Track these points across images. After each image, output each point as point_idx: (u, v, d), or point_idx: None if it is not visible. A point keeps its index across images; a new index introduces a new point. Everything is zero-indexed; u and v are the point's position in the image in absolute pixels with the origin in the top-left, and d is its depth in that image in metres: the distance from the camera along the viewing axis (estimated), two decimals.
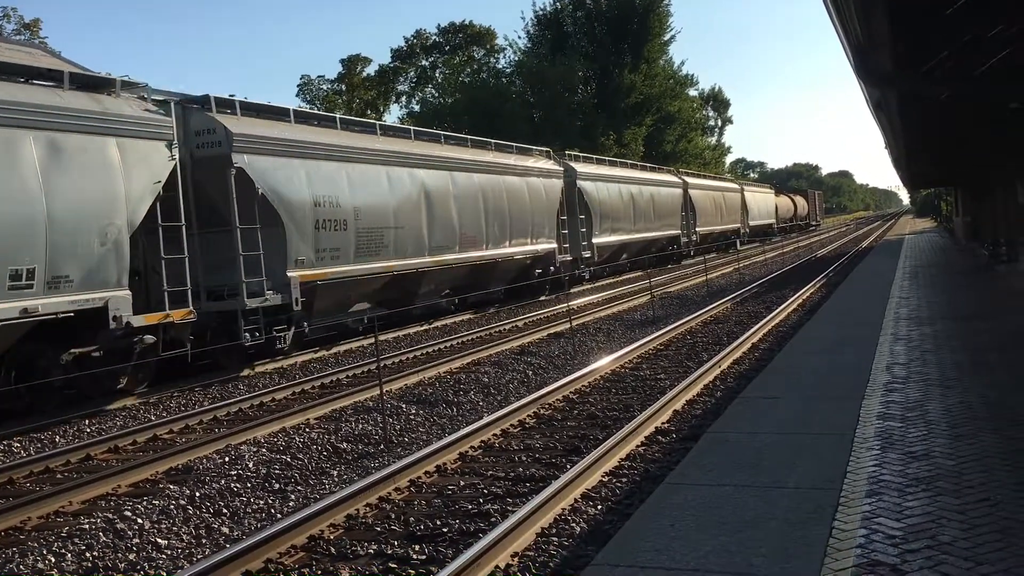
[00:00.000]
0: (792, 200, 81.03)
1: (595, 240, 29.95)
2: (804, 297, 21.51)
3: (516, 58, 61.85)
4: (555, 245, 26.69)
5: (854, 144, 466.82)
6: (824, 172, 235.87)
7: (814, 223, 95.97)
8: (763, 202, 63.12)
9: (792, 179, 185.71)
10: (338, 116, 19.39)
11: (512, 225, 24.11)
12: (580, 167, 30.29)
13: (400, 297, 19.50)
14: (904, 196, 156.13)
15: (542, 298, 25.87)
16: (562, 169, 28.32)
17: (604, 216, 31.08)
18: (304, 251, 15.83)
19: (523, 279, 25.38)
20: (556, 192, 27.32)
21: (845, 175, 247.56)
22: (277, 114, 16.82)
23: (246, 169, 14.77)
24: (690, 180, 44.64)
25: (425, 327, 20.35)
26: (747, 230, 55.00)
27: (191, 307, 13.50)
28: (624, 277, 33.74)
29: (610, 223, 31.72)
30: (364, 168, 17.95)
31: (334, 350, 17.24)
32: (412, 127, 22.42)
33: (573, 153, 31.63)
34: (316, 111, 20.87)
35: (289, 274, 15.44)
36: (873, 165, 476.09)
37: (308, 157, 16.38)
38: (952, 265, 26.16)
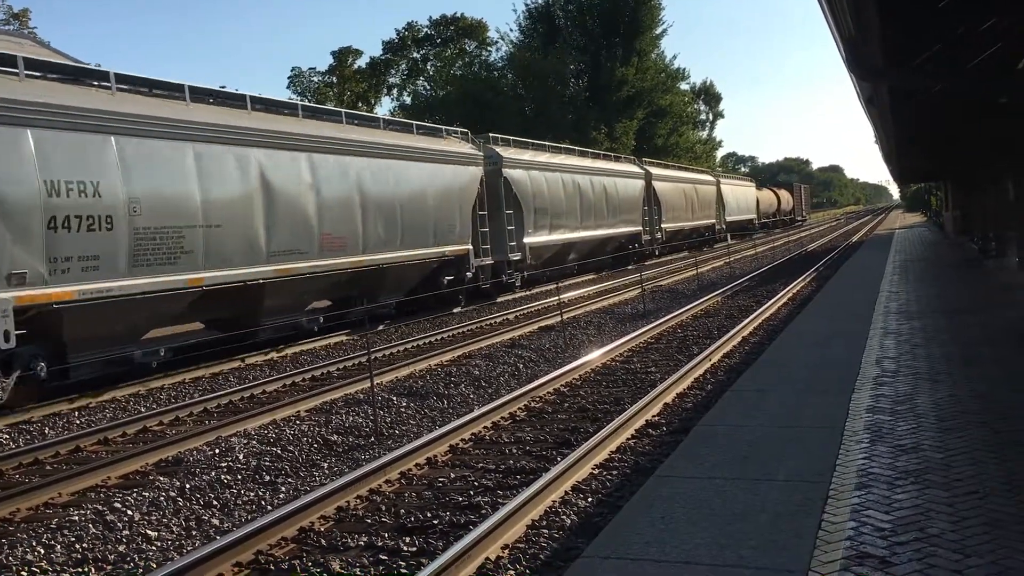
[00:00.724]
0: (775, 194, 78.20)
1: (528, 240, 25.86)
2: (794, 291, 21.57)
3: (508, 51, 61.82)
4: (469, 247, 22.45)
5: (845, 139, 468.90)
6: (815, 167, 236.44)
7: (800, 218, 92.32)
8: (742, 196, 59.61)
9: (782, 173, 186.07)
10: (112, 72, 13.60)
11: (405, 222, 19.63)
12: (508, 152, 25.69)
13: (233, 317, 15.67)
14: (895, 191, 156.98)
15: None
16: (481, 154, 23.84)
17: (540, 211, 26.86)
18: (24, 261, 11.36)
19: (429, 288, 21.07)
20: (472, 182, 22.84)
21: (836, 169, 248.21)
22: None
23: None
24: (655, 171, 39.88)
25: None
26: (723, 226, 51.91)
27: None
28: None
29: (548, 219, 27.43)
30: (153, 145, 13.45)
31: (325, 342, 17.19)
32: (259, 96, 16.76)
33: (498, 136, 26.49)
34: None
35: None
36: (864, 160, 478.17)
37: (40, 125, 11.76)
38: (942, 259, 26.27)
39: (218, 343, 15.14)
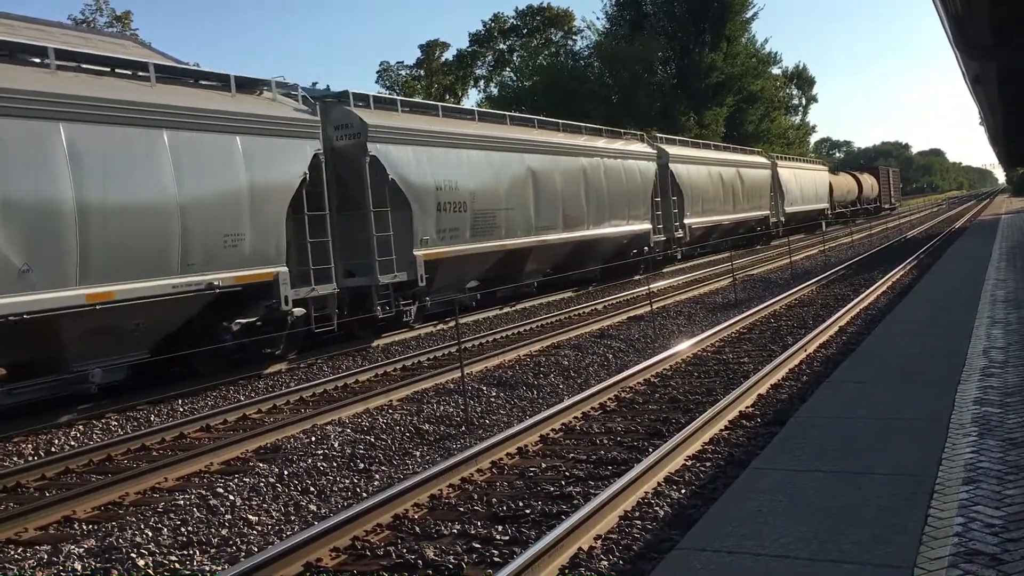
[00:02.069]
0: (856, 179, 66.72)
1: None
2: (894, 279, 20.86)
3: (594, 39, 61.38)
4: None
5: (947, 121, 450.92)
6: (914, 151, 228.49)
7: (887, 207, 78.82)
8: (809, 182, 50.33)
9: (880, 158, 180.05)
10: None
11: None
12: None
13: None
14: (1000, 174, 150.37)
15: (636, 277, 25.78)
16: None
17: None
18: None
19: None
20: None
21: (937, 153, 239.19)
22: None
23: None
24: (673, 150, 32.61)
25: (507, 310, 20.49)
26: (781, 219, 43.24)
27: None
28: (715, 257, 33.37)
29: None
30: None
31: (417, 333, 17.42)
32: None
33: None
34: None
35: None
36: (967, 143, 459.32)
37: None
38: None
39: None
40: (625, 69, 54.47)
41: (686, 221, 30.64)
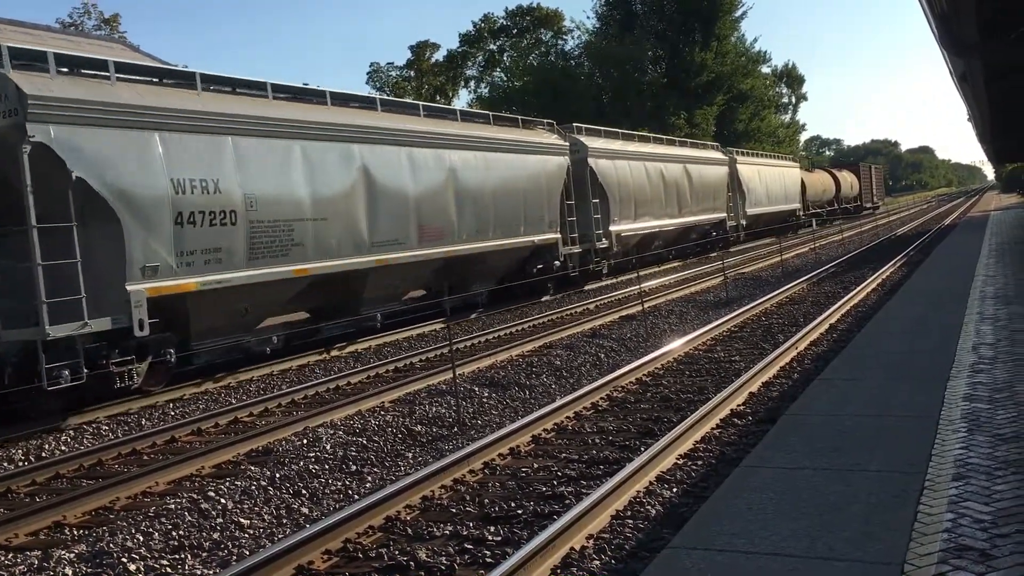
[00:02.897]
0: (833, 177, 60.97)
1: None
2: (884, 276, 20.94)
3: (584, 39, 61.47)
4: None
5: (936, 119, 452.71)
6: (904, 148, 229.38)
7: (870, 206, 71.88)
8: (777, 180, 44.41)
9: (869, 156, 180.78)
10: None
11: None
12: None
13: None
14: (989, 171, 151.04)
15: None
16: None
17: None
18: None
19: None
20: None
21: (926, 151, 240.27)
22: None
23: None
24: (594, 144, 26.10)
25: (493, 311, 20.23)
26: (742, 222, 38.38)
27: None
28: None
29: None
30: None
31: (406, 334, 17.39)
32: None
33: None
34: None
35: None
36: (956, 140, 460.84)
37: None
38: None
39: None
40: (615, 69, 54.58)
41: (613, 228, 25.39)
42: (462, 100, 66.41)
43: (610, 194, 25.45)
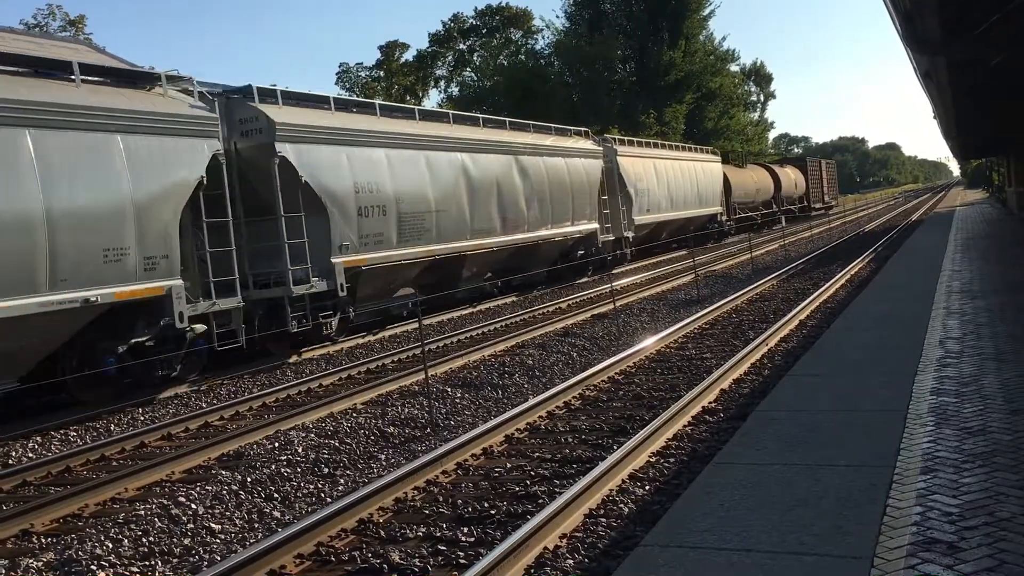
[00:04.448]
0: (772, 174, 51.31)
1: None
2: (852, 272, 21.17)
3: (554, 38, 61.53)
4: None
5: (902, 116, 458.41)
6: (871, 145, 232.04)
7: (820, 207, 62.18)
8: (688, 178, 35.82)
9: (837, 153, 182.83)
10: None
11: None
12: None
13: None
14: (955, 167, 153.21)
15: (584, 279, 25.60)
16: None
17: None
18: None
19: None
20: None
21: (893, 147, 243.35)
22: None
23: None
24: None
25: (470, 310, 20.37)
26: (628, 234, 29.32)
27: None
28: (666, 256, 33.45)
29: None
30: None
31: (379, 335, 17.34)
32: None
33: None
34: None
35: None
36: (922, 137, 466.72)
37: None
38: (1005, 237, 25.55)
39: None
40: (585, 68, 54.67)
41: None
42: (432, 100, 66.30)
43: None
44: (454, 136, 20.14)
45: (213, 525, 6.83)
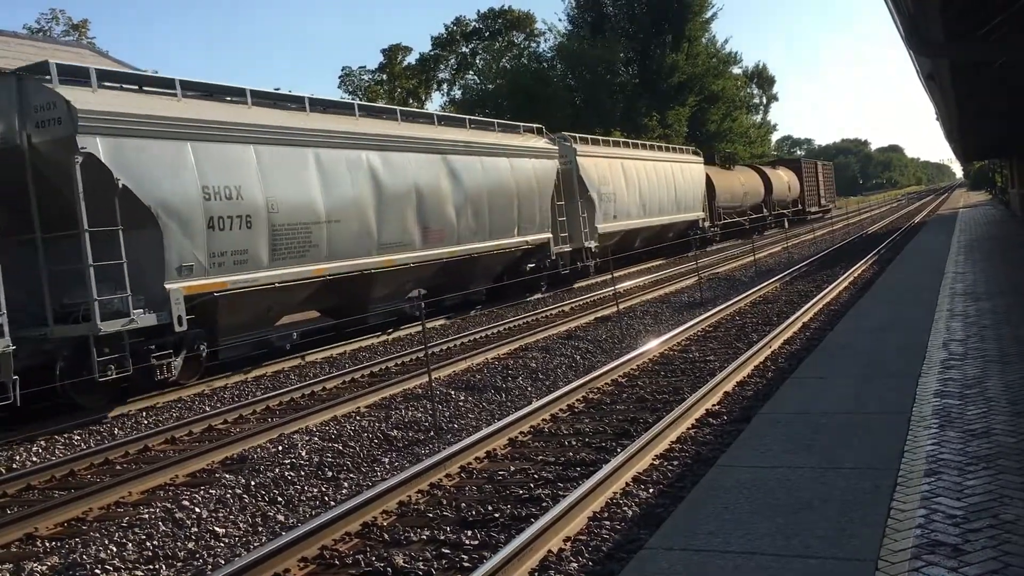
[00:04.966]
0: (763, 176, 47.97)
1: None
2: (856, 275, 21.15)
3: (556, 41, 61.58)
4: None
5: (905, 118, 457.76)
6: (874, 147, 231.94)
7: (815, 210, 59.10)
8: (656, 180, 32.13)
9: (840, 155, 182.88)
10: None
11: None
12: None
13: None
14: (957, 169, 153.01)
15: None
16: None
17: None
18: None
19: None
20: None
21: (896, 149, 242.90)
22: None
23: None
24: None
25: (383, 337, 17.32)
26: (591, 244, 26.12)
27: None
28: (637, 268, 30.32)
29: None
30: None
31: (383, 338, 17.33)
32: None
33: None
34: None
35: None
36: (925, 138, 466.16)
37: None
38: (1009, 238, 25.50)
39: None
40: (587, 70, 54.68)
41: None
42: (435, 103, 66.33)
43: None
44: (358, 131, 16.84)
45: (217, 529, 6.83)
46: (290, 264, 14.57)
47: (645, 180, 31.24)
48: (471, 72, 64.04)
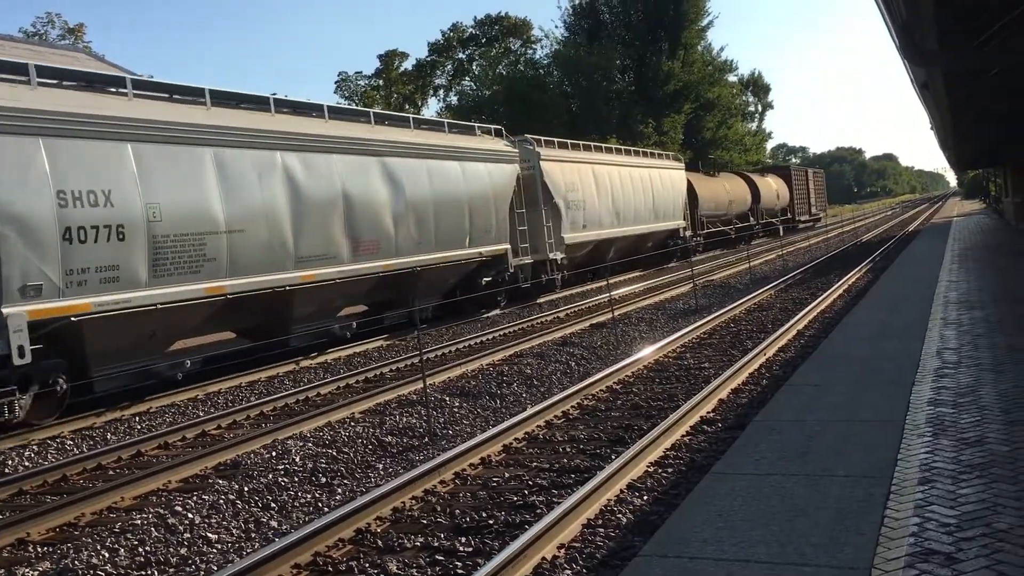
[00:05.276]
0: (751, 184, 46.61)
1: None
2: (850, 282, 21.19)
3: (553, 48, 61.74)
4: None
5: (900, 126, 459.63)
6: (868, 155, 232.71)
7: (805, 219, 58.65)
8: (632, 187, 30.27)
9: (835, 163, 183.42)
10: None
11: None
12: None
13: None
14: (951, 178, 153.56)
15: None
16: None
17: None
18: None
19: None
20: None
21: (890, 158, 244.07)
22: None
23: None
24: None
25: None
26: (555, 255, 24.42)
27: None
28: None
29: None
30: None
31: (376, 344, 17.32)
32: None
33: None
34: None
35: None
36: (919, 147, 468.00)
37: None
38: (1002, 247, 25.58)
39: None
40: (584, 77, 54.79)
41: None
42: (431, 109, 66.36)
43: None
44: (272, 129, 14.84)
45: (210, 535, 6.81)
46: (178, 282, 12.64)
47: (619, 186, 29.24)
48: (467, 78, 64.12)
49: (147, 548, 6.60)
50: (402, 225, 17.58)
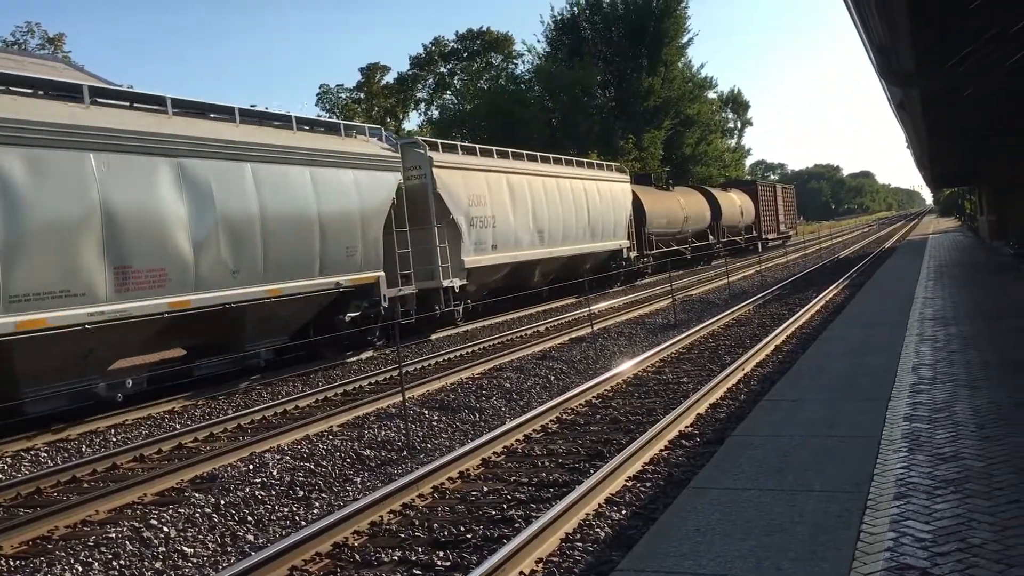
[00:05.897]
0: (710, 198, 43.47)
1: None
2: (827, 299, 21.35)
3: (535, 63, 61.98)
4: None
5: (877, 144, 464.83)
6: (846, 173, 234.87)
7: (773, 237, 55.34)
8: (562, 201, 26.39)
9: (813, 180, 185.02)
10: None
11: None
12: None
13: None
14: (927, 196, 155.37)
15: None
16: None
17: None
18: None
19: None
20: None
21: (867, 175, 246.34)
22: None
23: None
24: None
25: (338, 363, 15.67)
26: (451, 280, 20.25)
27: None
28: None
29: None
30: None
31: (356, 357, 17.24)
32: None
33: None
34: None
35: None
36: (896, 165, 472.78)
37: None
38: (977, 265, 25.86)
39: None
40: (564, 92, 55.03)
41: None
42: (413, 122, 66.36)
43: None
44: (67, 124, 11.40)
45: (185, 549, 6.75)
46: None
47: (543, 200, 25.01)
48: (449, 92, 64.24)
49: (122, 562, 6.53)
50: (207, 249, 13.36)
